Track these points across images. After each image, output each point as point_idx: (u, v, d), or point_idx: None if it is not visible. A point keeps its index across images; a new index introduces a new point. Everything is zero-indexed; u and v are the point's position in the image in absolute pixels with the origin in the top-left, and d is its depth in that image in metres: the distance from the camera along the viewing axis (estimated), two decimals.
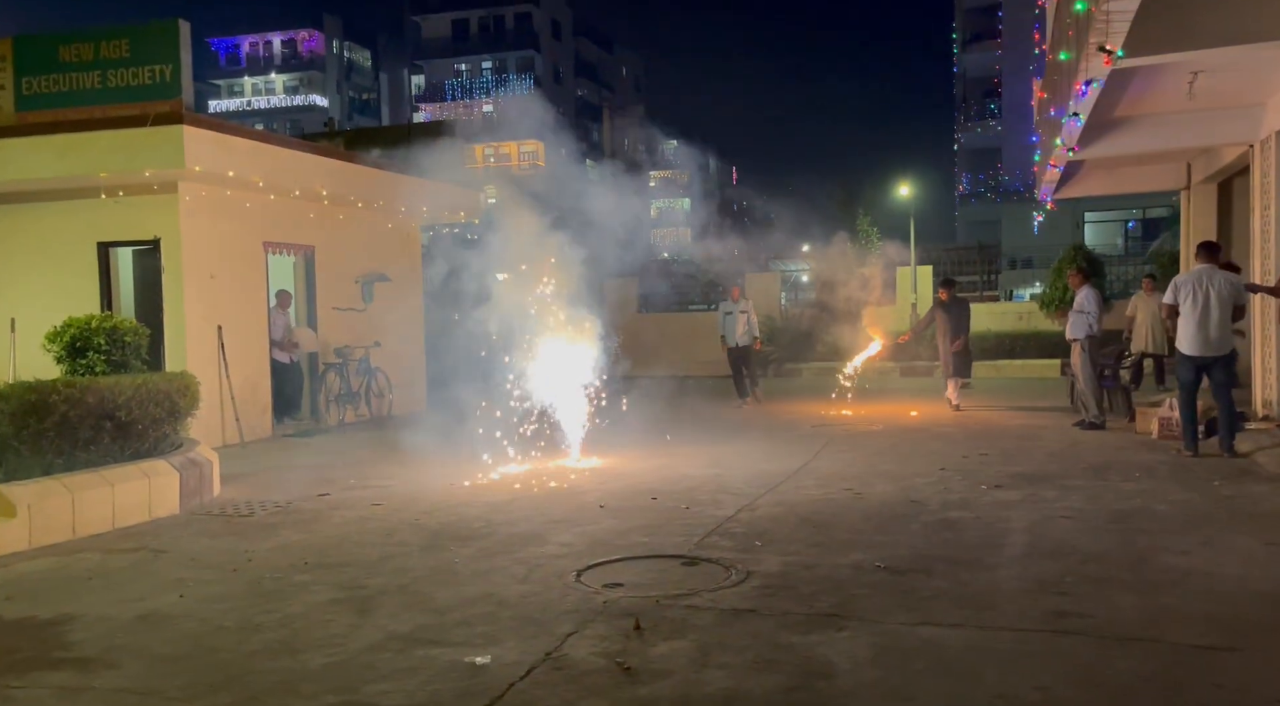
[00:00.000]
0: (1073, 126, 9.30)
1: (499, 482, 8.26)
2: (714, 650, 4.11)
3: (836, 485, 7.75)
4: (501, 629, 4.44)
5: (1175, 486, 7.35)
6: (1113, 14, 5.93)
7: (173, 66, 10.34)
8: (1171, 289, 8.44)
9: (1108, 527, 6.13)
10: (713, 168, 77.22)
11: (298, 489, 8.18)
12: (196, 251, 10.87)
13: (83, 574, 5.60)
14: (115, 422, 7.14)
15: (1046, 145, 13.07)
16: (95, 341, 8.25)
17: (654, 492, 7.60)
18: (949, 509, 6.77)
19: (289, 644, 4.32)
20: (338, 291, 13.17)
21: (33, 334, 9.65)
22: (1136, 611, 4.48)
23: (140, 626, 4.61)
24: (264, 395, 11.84)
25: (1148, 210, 34.51)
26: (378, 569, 5.54)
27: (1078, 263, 17.99)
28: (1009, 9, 40.42)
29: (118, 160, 10.06)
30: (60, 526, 6.33)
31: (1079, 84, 7.46)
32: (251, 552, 5.99)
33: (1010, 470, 8.22)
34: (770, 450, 9.78)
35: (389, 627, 4.50)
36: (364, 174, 13.04)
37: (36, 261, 11.14)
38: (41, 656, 4.24)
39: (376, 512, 7.16)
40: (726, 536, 6.10)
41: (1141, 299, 13.62)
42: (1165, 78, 8.86)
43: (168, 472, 7.22)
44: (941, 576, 5.11)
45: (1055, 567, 5.22)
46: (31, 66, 10.77)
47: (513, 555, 5.75)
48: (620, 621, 4.48)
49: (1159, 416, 9.66)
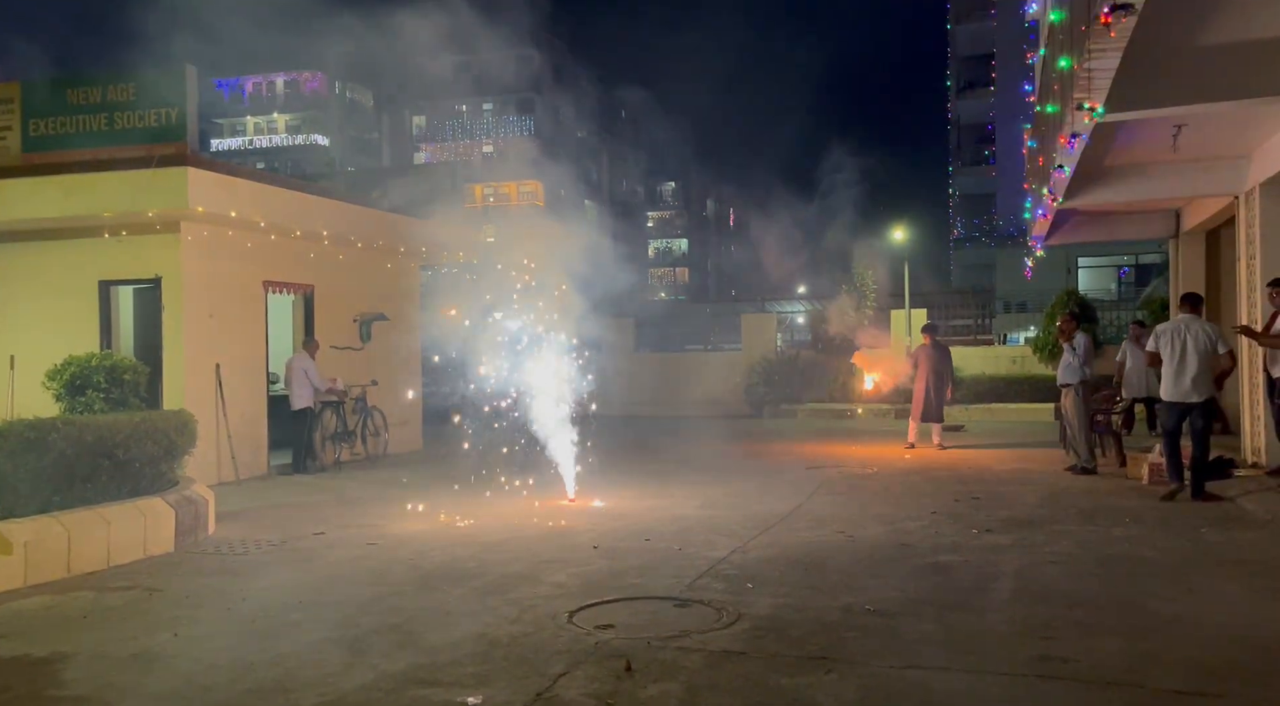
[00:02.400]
0: (1060, 177, 9.51)
1: (493, 522, 8.29)
2: (703, 692, 4.15)
3: (829, 527, 7.79)
4: (493, 669, 4.48)
5: (1163, 532, 7.41)
6: (1094, 72, 6.14)
7: (178, 109, 10.53)
8: (1153, 338, 8.89)
9: (1095, 573, 6.18)
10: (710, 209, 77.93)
11: (293, 527, 8.21)
12: (197, 290, 10.99)
13: (77, 612, 5.62)
14: (113, 461, 7.19)
15: (1036, 194, 13.30)
16: (95, 379, 8.34)
17: (647, 533, 7.64)
18: (939, 552, 6.83)
19: (281, 683, 4.35)
20: (336, 330, 13.28)
21: (32, 370, 9.73)
22: (1121, 656, 4.53)
23: (134, 665, 4.64)
24: (260, 432, 11.89)
25: (1140, 256, 34.86)
26: (371, 608, 5.57)
27: (1070, 308, 18.19)
28: (1002, 58, 41.17)
29: (122, 200, 10.22)
30: (56, 564, 6.36)
31: (1064, 138, 7.66)
32: (246, 591, 6.02)
33: (1001, 514, 8.28)
34: (764, 491, 9.83)
35: (381, 667, 4.53)
36: (364, 214, 13.23)
37: (38, 299, 11.25)
38: (35, 694, 4.26)
39: (371, 552, 7.19)
40: (719, 578, 6.14)
41: (1130, 345, 13.76)
42: (1151, 130, 9.08)
43: (164, 511, 7.26)
44: (930, 619, 5.16)
45: (1042, 612, 5.27)
46: (39, 109, 10.98)
47: (506, 595, 5.79)
48: (611, 662, 4.52)
49: (1149, 462, 9.74)
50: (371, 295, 13.94)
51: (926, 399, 13.41)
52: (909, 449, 13.38)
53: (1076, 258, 34.62)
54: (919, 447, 13.43)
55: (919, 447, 13.43)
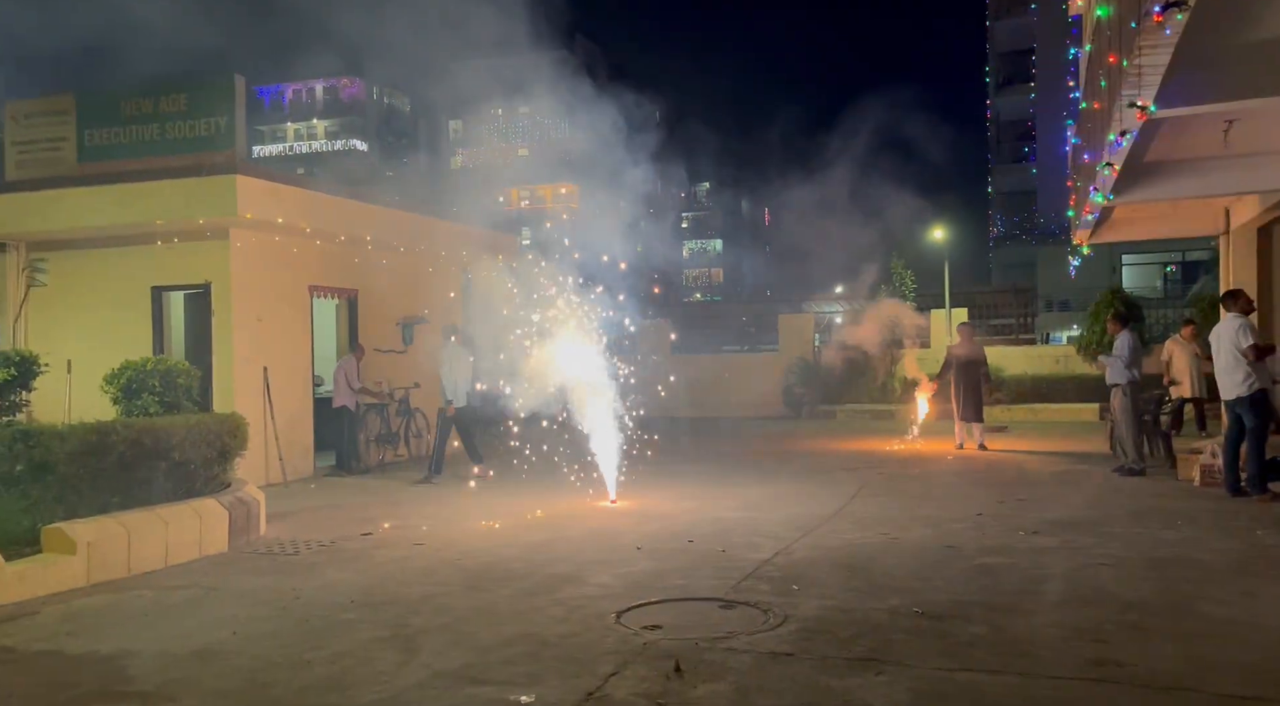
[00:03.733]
0: (1106, 175, 9.37)
1: (536, 523, 8.37)
2: (754, 692, 4.17)
3: (873, 529, 7.77)
4: (544, 668, 4.54)
5: (1217, 535, 7.28)
6: (1144, 68, 6.05)
7: (227, 119, 10.78)
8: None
9: (1147, 575, 6.10)
10: (745, 208, 77.66)
11: (340, 528, 8.36)
12: (245, 295, 11.22)
13: (139, 610, 5.78)
14: (169, 462, 7.38)
15: (1081, 191, 13.11)
16: (150, 383, 8.54)
17: (690, 535, 7.67)
18: (986, 554, 6.77)
19: (338, 681, 4.44)
20: (379, 333, 13.47)
21: (87, 374, 10.01)
22: (1176, 660, 4.47)
23: (196, 662, 4.77)
24: (306, 435, 12.11)
25: (1187, 253, 34.19)
26: (420, 608, 5.66)
27: (1115, 306, 17.91)
28: (1042, 52, 40.60)
29: (174, 208, 10.48)
30: (117, 563, 6.54)
31: (1113, 135, 7.55)
32: (299, 590, 6.15)
33: (1047, 516, 8.19)
34: (805, 493, 9.81)
35: (434, 666, 4.61)
36: (405, 219, 13.42)
37: (93, 304, 11.56)
38: (104, 690, 4.40)
39: (418, 552, 7.30)
40: (763, 580, 6.15)
41: (1179, 343, 13.51)
42: (1200, 124, 8.91)
43: (218, 512, 7.43)
44: (979, 622, 5.13)
45: (1094, 615, 5.22)
46: (94, 120, 11.29)
47: (552, 596, 5.85)
48: (660, 663, 4.55)
49: (1201, 463, 9.57)
50: (414, 298, 14.12)
51: (958, 398, 13.33)
52: (957, 449, 13.26)
53: (1120, 255, 34.04)
54: (966, 448, 13.34)
55: (966, 448, 13.34)
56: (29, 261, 11.71)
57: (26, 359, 9.24)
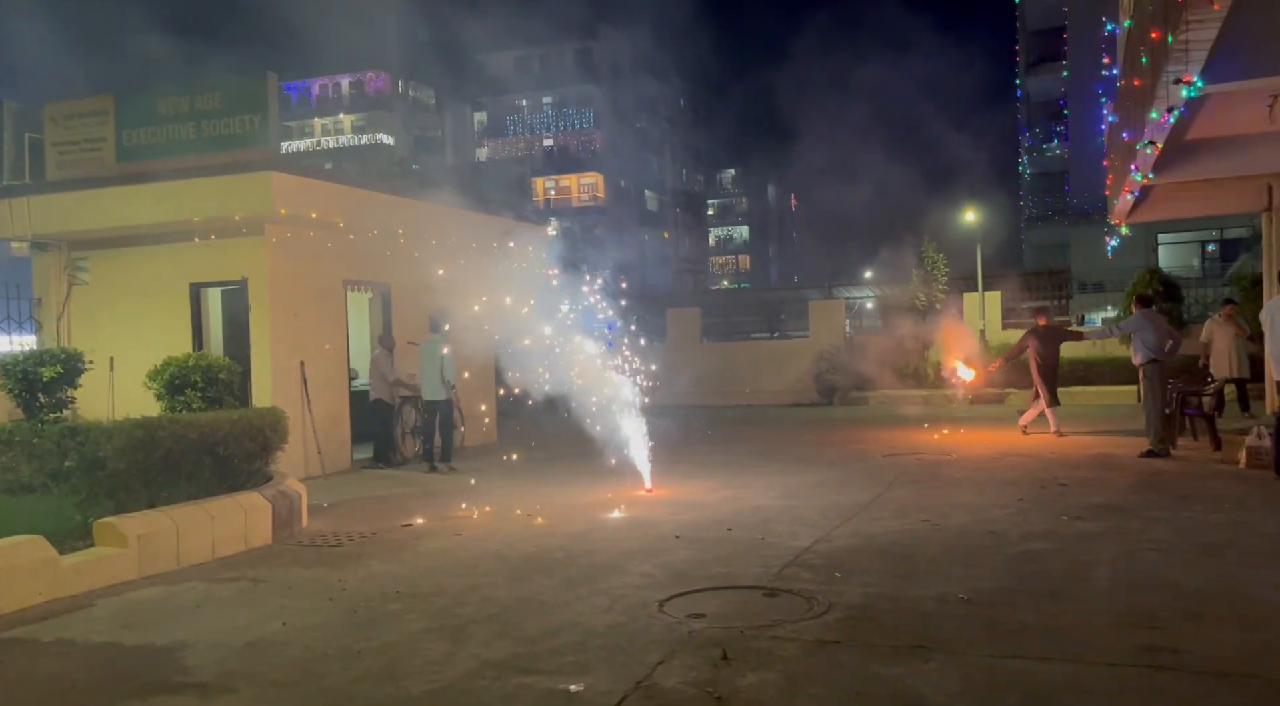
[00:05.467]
0: (1147, 153, 9.20)
1: (574, 513, 8.41)
2: (803, 681, 4.17)
3: (913, 516, 7.72)
4: (592, 658, 4.56)
5: (1269, 518, 7.16)
6: (1191, 43, 5.92)
7: (261, 116, 10.87)
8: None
9: (1197, 560, 6.01)
10: (772, 195, 77.19)
11: (381, 520, 8.44)
12: (281, 290, 11.33)
13: (191, 602, 5.88)
14: (215, 457, 7.49)
15: (1119, 170, 12.89)
16: (192, 379, 8.67)
17: (728, 523, 7.67)
18: (1030, 540, 6.71)
19: (390, 671, 4.49)
20: (412, 326, 13.55)
21: (129, 370, 10.16)
22: (1232, 647, 4.41)
23: (250, 653, 4.84)
24: (343, 428, 12.22)
25: (1225, 230, 33.52)
26: (466, 598, 5.71)
27: (1153, 286, 17.62)
28: (1074, 31, 39.90)
29: (211, 205, 10.60)
30: (167, 557, 6.66)
31: (1157, 113, 7.40)
32: (344, 582, 6.22)
33: (1090, 501, 8.10)
34: (842, 480, 9.77)
35: (483, 656, 4.65)
36: (437, 212, 13.46)
37: (133, 301, 11.73)
38: (163, 681, 4.48)
39: (459, 543, 7.36)
40: (805, 568, 6.14)
41: (1219, 324, 13.27)
42: (1244, 100, 8.72)
43: (261, 505, 7.53)
44: (1027, 609, 5.09)
45: (1145, 601, 5.15)
46: (131, 119, 11.43)
47: (595, 585, 5.88)
48: (706, 651, 4.56)
49: (1248, 445, 9.41)
50: (446, 291, 14.16)
51: (1044, 384, 12.80)
52: (1058, 436, 12.58)
53: (1157, 234, 33.43)
54: (1031, 433, 12.96)
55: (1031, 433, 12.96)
56: (70, 260, 11.91)
57: (72, 356, 9.42)
